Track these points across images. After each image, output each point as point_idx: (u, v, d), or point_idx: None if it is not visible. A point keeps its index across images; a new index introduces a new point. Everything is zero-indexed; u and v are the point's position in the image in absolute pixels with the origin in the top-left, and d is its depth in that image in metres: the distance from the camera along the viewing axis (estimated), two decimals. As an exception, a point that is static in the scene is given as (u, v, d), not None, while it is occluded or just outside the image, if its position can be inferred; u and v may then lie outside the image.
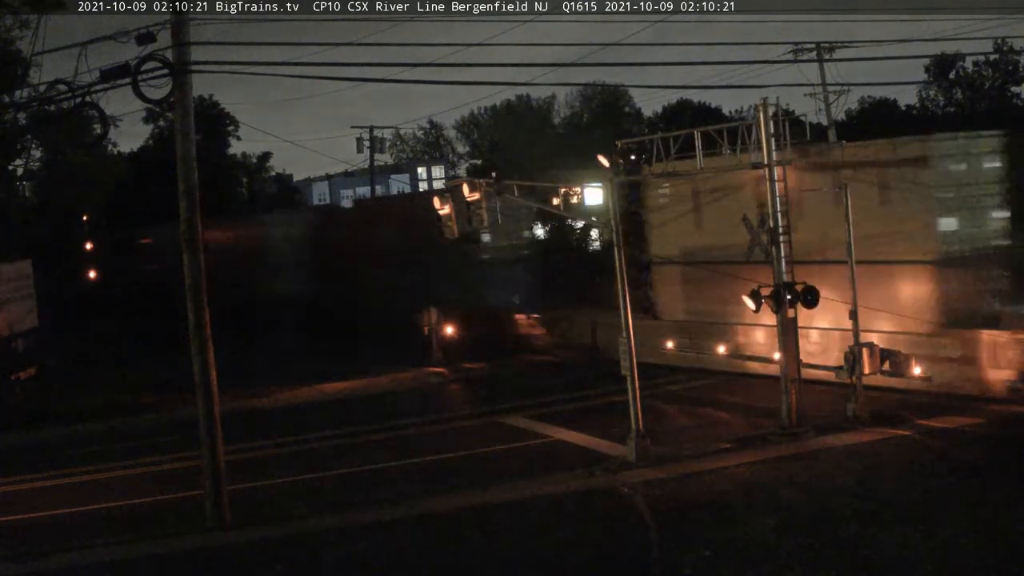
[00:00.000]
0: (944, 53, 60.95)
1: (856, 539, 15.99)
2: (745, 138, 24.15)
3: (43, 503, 21.72)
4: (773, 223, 23.61)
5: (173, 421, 28.87)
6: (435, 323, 37.06)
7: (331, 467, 23.32)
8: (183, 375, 20.50)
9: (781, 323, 23.62)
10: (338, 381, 34.84)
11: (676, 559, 15.73)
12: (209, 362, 19.15)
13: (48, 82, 20.09)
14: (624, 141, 25.86)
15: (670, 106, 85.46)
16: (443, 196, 25.51)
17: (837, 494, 18.50)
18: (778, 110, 24.01)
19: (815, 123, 44.44)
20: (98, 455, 26.04)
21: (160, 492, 21.88)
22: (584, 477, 20.91)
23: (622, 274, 22.25)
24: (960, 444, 21.42)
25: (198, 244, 19.18)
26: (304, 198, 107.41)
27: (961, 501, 17.57)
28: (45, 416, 31.62)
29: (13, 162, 54.50)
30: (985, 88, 66.74)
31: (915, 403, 24.52)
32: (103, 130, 21.86)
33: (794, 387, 23.34)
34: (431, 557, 16.94)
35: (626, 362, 21.98)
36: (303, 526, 18.96)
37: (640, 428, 21.75)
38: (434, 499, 20.05)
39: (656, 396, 27.55)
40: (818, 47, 46.69)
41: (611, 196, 22.92)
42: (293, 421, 29.33)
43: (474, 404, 30.48)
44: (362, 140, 64.44)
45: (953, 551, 15.22)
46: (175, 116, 19.30)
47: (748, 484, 19.68)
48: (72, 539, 18.94)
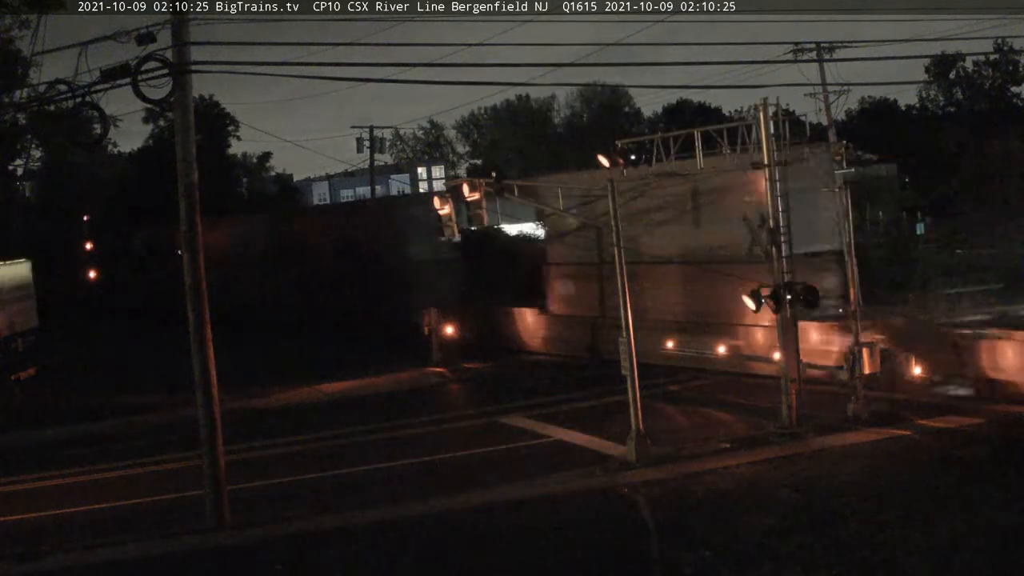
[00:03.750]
0: (944, 53, 61.02)
1: (856, 539, 16.00)
2: (745, 138, 24.17)
3: (43, 503, 21.70)
4: (774, 223, 23.61)
5: (173, 421, 28.83)
6: (435, 323, 37.04)
7: (331, 467, 23.29)
8: (183, 375, 20.48)
9: (781, 323, 23.63)
10: (337, 381, 34.82)
11: (676, 559, 15.74)
12: (209, 362, 19.15)
13: (48, 82, 20.07)
14: (624, 141, 25.95)
15: (670, 106, 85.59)
16: (443, 196, 25.52)
17: (837, 494, 18.50)
18: (778, 110, 24.02)
19: (815, 123, 44.54)
20: (98, 455, 26.02)
21: (160, 492, 21.84)
22: (584, 477, 20.90)
23: (622, 274, 22.20)
24: (960, 444, 21.42)
25: (198, 244, 19.17)
26: (304, 198, 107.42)
27: (961, 501, 17.57)
28: (45, 416, 31.59)
29: (13, 162, 54.52)
30: (985, 88, 66.76)
31: (916, 403, 24.58)
32: (103, 130, 21.77)
33: (794, 387, 23.35)
34: (431, 557, 16.94)
35: (626, 362, 21.96)
36: (303, 526, 18.96)
37: (640, 428, 21.74)
38: (434, 499, 20.03)
39: (656, 396, 27.54)
40: (818, 47, 46.66)
41: (612, 196, 22.88)
42: (293, 421, 29.31)
43: (474, 404, 30.47)
44: (362, 140, 64.47)
45: (953, 551, 15.23)
46: (175, 116, 19.29)
47: (748, 484, 19.68)
48: (72, 539, 18.94)
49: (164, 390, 32.57)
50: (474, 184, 24.71)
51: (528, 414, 27.64)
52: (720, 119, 62.70)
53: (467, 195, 24.38)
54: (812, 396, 24.33)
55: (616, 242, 22.37)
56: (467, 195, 24.38)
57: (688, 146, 25.26)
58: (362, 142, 64.49)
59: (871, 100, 70.39)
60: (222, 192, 69.67)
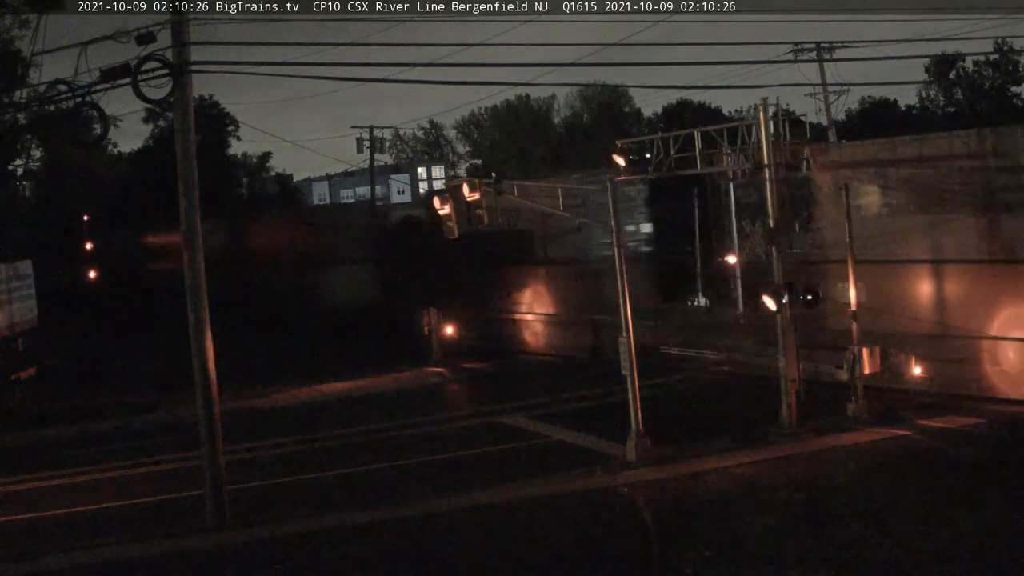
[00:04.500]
0: (944, 53, 61.11)
1: (856, 539, 16.00)
2: (745, 138, 24.16)
3: (43, 503, 21.70)
4: (773, 223, 23.60)
5: (173, 421, 28.84)
6: (435, 323, 37.05)
7: (331, 467, 23.29)
8: (183, 375, 20.48)
9: (781, 323, 23.61)
10: (337, 381, 34.82)
11: (676, 559, 15.73)
12: (209, 362, 19.15)
13: (48, 82, 20.09)
14: (624, 141, 25.89)
15: (670, 106, 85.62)
16: (443, 196, 25.51)
17: (837, 494, 18.50)
18: (778, 110, 24.01)
19: (815, 123, 44.53)
20: (98, 455, 26.01)
21: (160, 492, 21.85)
22: (584, 477, 20.89)
23: (622, 274, 22.21)
24: (960, 444, 21.43)
25: (198, 244, 19.16)
26: (304, 198, 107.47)
27: (961, 501, 17.57)
28: (45, 416, 31.58)
29: (13, 162, 54.49)
30: (985, 88, 66.77)
31: (917, 403, 24.57)
32: (103, 130, 21.74)
33: (794, 387, 23.34)
34: (431, 557, 16.93)
35: (626, 362, 21.96)
36: (303, 526, 18.95)
37: (640, 428, 21.74)
38: (434, 499, 20.04)
39: (655, 395, 27.53)
40: (818, 47, 46.72)
41: (612, 196, 22.88)
42: (293, 421, 29.31)
43: (474, 404, 30.47)
44: (362, 140, 64.41)
45: (953, 551, 15.22)
46: (175, 116, 19.28)
47: (748, 484, 19.67)
48: (72, 539, 18.93)
49: (164, 390, 32.58)
50: (474, 184, 24.70)
51: (528, 414, 27.65)
52: (720, 119, 62.77)
53: (467, 195, 24.37)
54: (812, 396, 24.36)
55: (616, 242, 22.39)
56: (467, 195, 24.37)
57: (688, 146, 25.24)
58: (362, 142, 64.46)
59: (871, 100, 70.51)
60: (222, 192, 69.73)
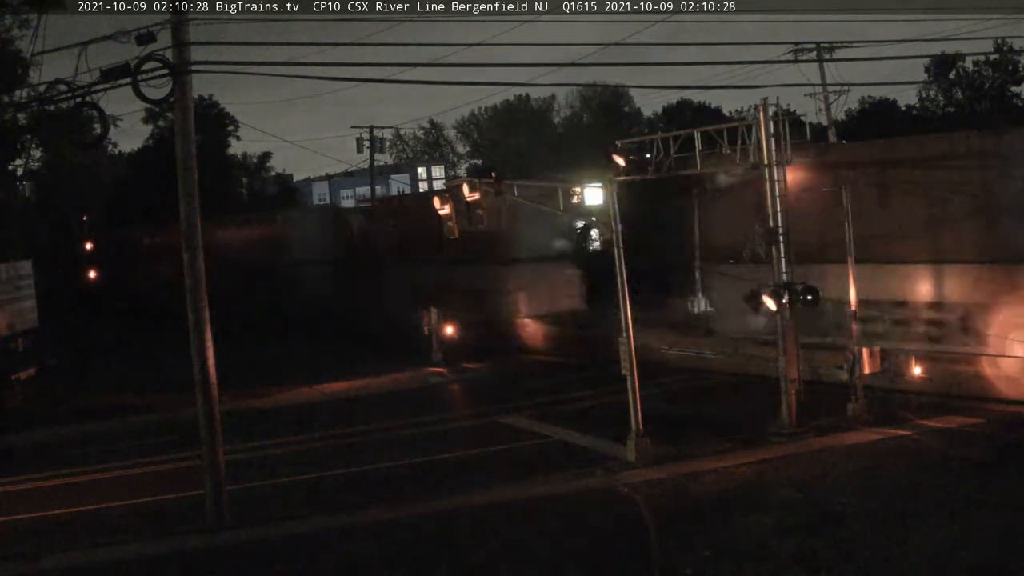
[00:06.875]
0: (944, 53, 61.09)
1: (856, 539, 16.00)
2: (745, 138, 24.12)
3: (43, 503, 21.70)
4: (773, 223, 23.60)
5: (173, 421, 28.82)
6: (435, 323, 37.02)
7: (331, 467, 23.30)
8: (184, 375, 20.48)
9: (781, 323, 23.62)
10: (337, 381, 34.83)
11: (676, 559, 15.74)
12: (209, 362, 19.15)
13: (48, 82, 20.03)
14: (624, 141, 25.84)
15: (670, 106, 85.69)
16: (443, 196, 25.49)
17: (837, 494, 18.50)
18: (778, 110, 23.99)
19: (815, 123, 44.53)
20: (98, 455, 26.01)
21: (160, 492, 21.85)
22: (584, 477, 20.89)
23: (622, 274, 22.20)
24: (960, 444, 21.43)
25: (198, 245, 19.17)
26: (304, 198, 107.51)
27: (961, 501, 17.58)
28: (45, 416, 31.58)
29: (13, 162, 54.45)
30: (985, 88, 66.76)
31: (917, 403, 24.57)
32: (103, 130, 21.74)
33: (794, 387, 23.33)
34: (431, 557, 16.94)
35: (626, 362, 21.96)
36: (303, 526, 18.96)
37: (640, 428, 21.74)
38: (434, 499, 20.05)
39: (655, 395, 27.53)
40: (818, 47, 46.72)
41: (611, 196, 22.87)
42: (293, 421, 29.30)
43: (474, 404, 30.47)
44: (362, 140, 64.53)
45: (953, 551, 15.23)
46: (175, 116, 19.29)
47: (748, 484, 19.68)
48: (72, 539, 18.93)
49: (164, 389, 32.57)
50: (474, 184, 24.68)
51: (528, 414, 27.66)
52: (720, 119, 62.77)
53: (467, 195, 24.35)
54: (812, 396, 24.36)
55: (616, 242, 22.38)
56: (467, 195, 24.35)
57: (688, 146, 25.20)
58: (362, 142, 64.57)
59: (871, 100, 70.52)
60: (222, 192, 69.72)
